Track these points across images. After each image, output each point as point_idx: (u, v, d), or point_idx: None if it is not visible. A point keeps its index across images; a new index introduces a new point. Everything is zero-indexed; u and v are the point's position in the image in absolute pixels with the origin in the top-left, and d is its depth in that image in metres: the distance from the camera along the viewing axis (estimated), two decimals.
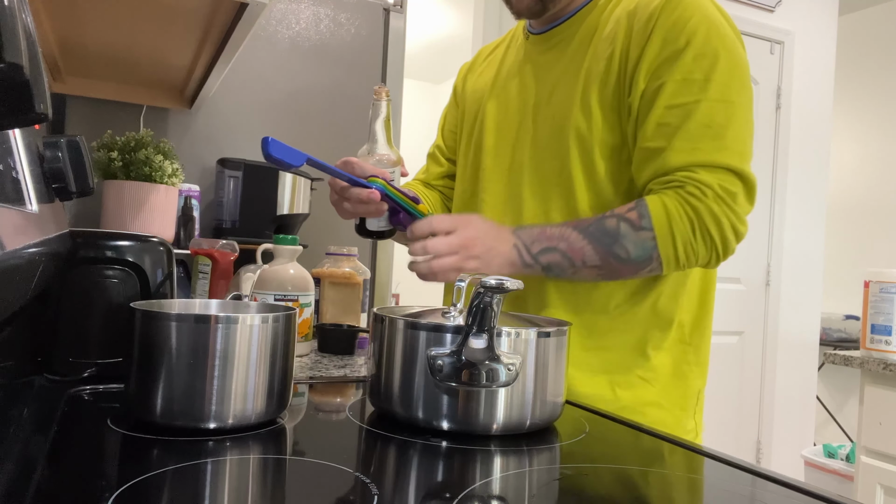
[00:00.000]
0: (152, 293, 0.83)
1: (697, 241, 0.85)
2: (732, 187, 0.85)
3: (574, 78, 0.96)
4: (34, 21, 0.79)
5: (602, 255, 0.86)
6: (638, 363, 0.94)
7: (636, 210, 0.87)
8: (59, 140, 0.72)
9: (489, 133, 1.07)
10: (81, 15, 1.06)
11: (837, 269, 3.88)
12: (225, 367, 0.62)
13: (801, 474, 2.83)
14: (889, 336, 1.91)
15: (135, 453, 0.56)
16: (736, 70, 0.88)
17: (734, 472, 0.61)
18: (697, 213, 0.85)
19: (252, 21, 0.98)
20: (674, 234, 0.85)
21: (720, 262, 0.90)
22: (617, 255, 0.86)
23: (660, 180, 0.88)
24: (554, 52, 1.01)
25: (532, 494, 0.53)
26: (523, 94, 1.04)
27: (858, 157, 3.95)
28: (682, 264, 0.87)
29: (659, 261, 0.86)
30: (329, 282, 1.29)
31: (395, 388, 0.68)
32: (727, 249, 0.88)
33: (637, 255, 0.86)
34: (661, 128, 0.87)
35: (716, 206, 0.84)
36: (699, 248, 0.86)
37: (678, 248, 0.85)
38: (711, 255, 0.87)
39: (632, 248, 0.86)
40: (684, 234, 0.85)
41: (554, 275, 0.89)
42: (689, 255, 0.86)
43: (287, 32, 1.85)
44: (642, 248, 0.86)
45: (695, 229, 0.85)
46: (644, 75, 0.88)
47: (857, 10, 3.91)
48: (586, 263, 0.87)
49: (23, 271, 0.48)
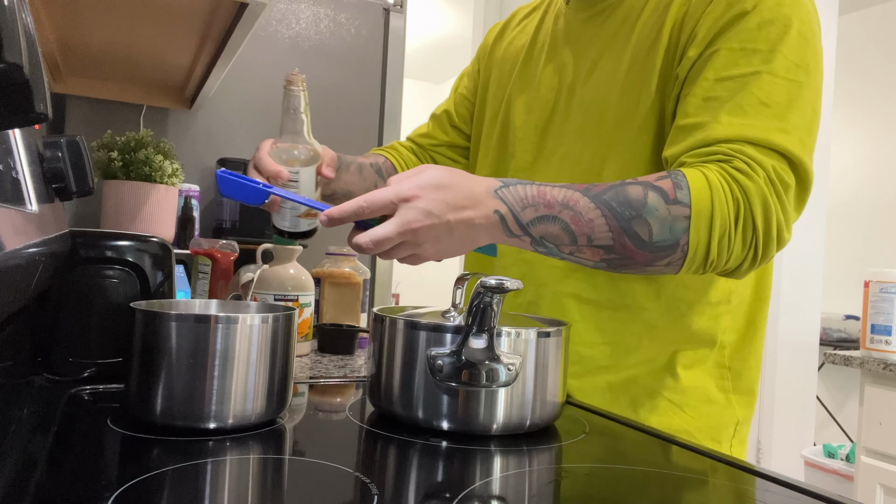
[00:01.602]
0: (152, 293, 0.83)
1: (738, 231, 0.68)
2: (787, 177, 0.70)
3: (619, 54, 0.82)
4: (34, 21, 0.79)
5: (616, 232, 0.68)
6: (666, 384, 0.83)
7: (670, 179, 0.69)
8: (59, 140, 0.72)
9: (517, 114, 0.94)
10: (81, 15, 1.06)
11: (837, 269, 3.88)
12: (225, 367, 0.61)
13: (801, 474, 2.83)
14: (889, 336, 1.91)
15: (135, 453, 0.56)
16: (808, 46, 0.73)
17: (734, 471, 0.61)
18: (746, 193, 0.68)
19: (252, 21, 0.98)
20: (713, 216, 0.68)
21: (747, 272, 0.73)
22: (636, 234, 0.68)
23: (698, 152, 0.71)
24: (597, 22, 0.87)
25: (532, 494, 0.53)
26: (560, 72, 0.90)
27: (858, 157, 3.94)
28: (708, 261, 0.70)
29: (684, 251, 0.69)
30: (329, 282, 1.29)
31: (395, 388, 0.68)
32: (766, 253, 0.70)
33: (661, 239, 0.68)
34: (707, 102, 0.72)
35: (768, 191, 0.68)
36: (736, 242, 0.69)
37: (713, 237, 0.68)
38: (747, 255, 0.70)
39: (657, 228, 0.68)
40: (724, 218, 0.68)
41: (544, 251, 0.71)
42: (723, 249, 0.69)
43: (287, 32, 1.85)
44: (670, 230, 0.68)
45: (738, 215, 0.68)
46: (699, 42, 0.73)
47: (857, 10, 3.91)
48: (592, 241, 0.69)
49: (23, 271, 0.48)
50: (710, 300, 0.83)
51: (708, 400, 0.84)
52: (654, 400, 0.83)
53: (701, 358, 0.84)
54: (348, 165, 0.99)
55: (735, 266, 0.71)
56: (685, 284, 0.83)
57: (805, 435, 3.34)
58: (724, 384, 0.85)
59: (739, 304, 0.85)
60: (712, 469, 0.62)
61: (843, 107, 3.94)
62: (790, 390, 3.32)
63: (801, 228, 3.31)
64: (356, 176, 1.00)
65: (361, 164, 1.02)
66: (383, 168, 1.06)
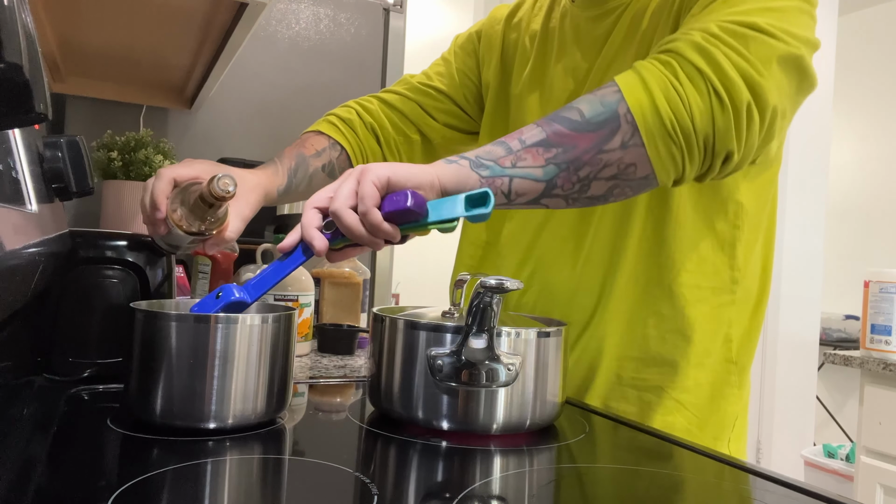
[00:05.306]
0: (152, 293, 0.83)
1: (681, 81, 0.62)
2: (739, 29, 0.63)
3: (628, 54, 0.81)
4: (34, 21, 0.79)
5: (544, 123, 0.65)
6: (672, 382, 0.82)
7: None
8: (59, 140, 0.72)
9: (531, 114, 0.92)
10: (81, 15, 1.06)
11: (837, 269, 3.88)
12: (225, 367, 0.61)
13: (800, 474, 2.83)
14: (889, 336, 1.91)
15: (135, 453, 0.56)
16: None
17: (734, 471, 0.61)
18: (675, 50, 0.64)
19: (252, 21, 0.98)
20: (644, 79, 0.63)
21: (738, 122, 0.62)
22: (564, 118, 0.64)
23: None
24: (605, 22, 0.85)
25: (532, 494, 0.53)
26: (573, 73, 0.88)
27: (858, 157, 3.94)
28: (671, 126, 0.62)
29: (630, 121, 0.62)
30: (329, 282, 1.29)
31: (395, 388, 0.68)
32: (732, 92, 0.61)
33: (594, 113, 0.63)
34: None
35: (702, 40, 0.63)
36: (687, 92, 0.61)
37: (655, 95, 0.62)
38: (711, 99, 0.62)
39: (586, 107, 0.64)
40: (659, 76, 0.62)
41: (487, 174, 0.64)
42: (676, 105, 0.61)
43: (287, 32, 1.85)
44: (601, 103, 0.63)
45: (675, 69, 0.62)
46: None
47: (857, 10, 3.91)
48: (525, 143, 0.64)
49: (23, 271, 0.48)
50: (716, 290, 0.82)
51: (712, 397, 0.83)
52: (661, 398, 0.82)
53: (708, 353, 0.83)
54: (297, 185, 0.92)
55: (708, 117, 0.62)
56: (688, 270, 0.81)
57: (805, 435, 3.34)
58: (729, 379, 0.84)
59: (746, 292, 0.84)
60: (712, 469, 0.62)
61: (843, 107, 3.94)
62: (790, 390, 3.32)
63: (801, 228, 3.31)
64: (306, 191, 0.93)
65: (312, 174, 0.94)
66: (336, 166, 0.98)
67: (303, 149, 0.95)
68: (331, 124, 1.00)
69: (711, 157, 0.65)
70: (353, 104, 1.03)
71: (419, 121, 1.03)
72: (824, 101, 3.41)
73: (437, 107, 1.03)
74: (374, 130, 1.01)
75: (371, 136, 1.01)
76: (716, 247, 0.82)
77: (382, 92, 1.05)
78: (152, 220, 0.75)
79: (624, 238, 0.83)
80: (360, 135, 1.00)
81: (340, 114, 1.02)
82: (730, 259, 0.83)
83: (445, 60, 1.06)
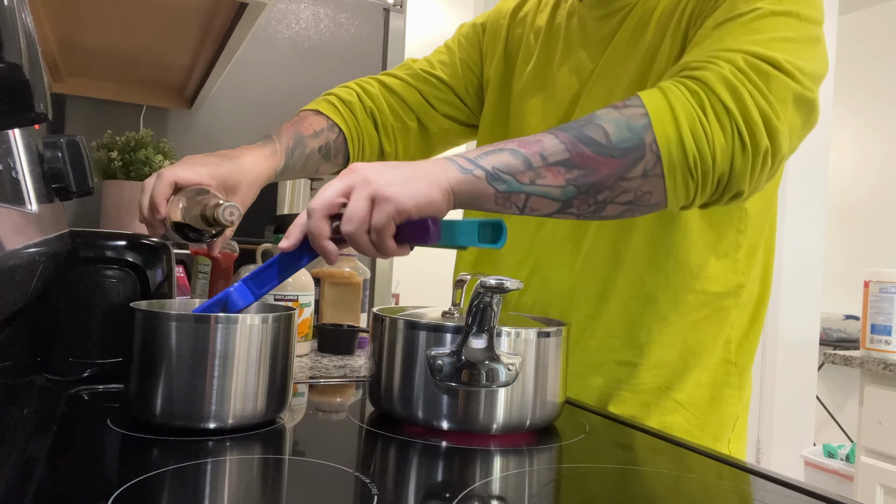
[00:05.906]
0: (152, 293, 0.83)
1: (708, 118, 0.61)
2: (763, 66, 0.63)
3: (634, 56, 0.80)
4: (34, 21, 0.79)
5: (569, 142, 0.63)
6: (672, 383, 0.82)
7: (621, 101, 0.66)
8: (59, 140, 0.72)
9: (533, 113, 0.91)
10: (81, 15, 1.06)
11: (837, 269, 3.88)
12: (225, 367, 0.61)
13: (800, 474, 2.83)
14: (889, 336, 1.91)
15: (135, 453, 0.56)
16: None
17: (734, 471, 0.61)
18: (705, 82, 0.63)
19: (252, 21, 0.98)
20: (673, 108, 0.62)
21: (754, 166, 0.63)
22: (590, 138, 0.62)
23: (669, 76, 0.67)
24: (612, 22, 0.84)
25: (532, 494, 0.53)
26: (577, 73, 0.88)
27: (858, 157, 3.94)
28: (692, 162, 0.62)
29: (655, 152, 0.62)
30: (329, 282, 1.29)
31: (395, 388, 0.68)
32: (755, 136, 0.62)
33: (621, 139, 0.62)
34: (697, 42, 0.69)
35: (732, 76, 0.62)
36: (713, 130, 0.61)
37: (682, 129, 0.61)
38: (734, 140, 0.62)
39: (612, 128, 0.62)
40: (687, 108, 0.62)
41: (504, 188, 0.63)
42: (700, 141, 0.61)
43: (287, 32, 1.85)
44: (628, 128, 0.62)
45: (703, 103, 0.62)
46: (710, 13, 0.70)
47: (857, 10, 3.91)
48: (547, 160, 0.62)
49: (23, 271, 0.48)
50: (720, 295, 0.82)
51: (712, 398, 0.83)
52: (662, 401, 0.82)
53: (708, 354, 0.82)
54: (293, 165, 0.91)
55: (729, 158, 0.63)
56: (694, 274, 0.81)
57: (805, 435, 3.34)
58: (729, 380, 0.84)
59: (748, 293, 0.84)
60: (712, 469, 0.62)
61: (843, 106, 3.94)
62: (790, 390, 3.32)
63: (801, 228, 3.31)
64: (301, 171, 0.93)
65: (309, 154, 0.93)
66: (333, 148, 0.96)
67: (301, 128, 0.93)
68: (331, 105, 0.98)
69: (722, 192, 0.66)
70: (353, 85, 1.02)
71: (419, 109, 1.02)
72: (824, 101, 3.40)
73: (438, 96, 1.02)
74: (374, 115, 1.00)
75: (370, 121, 1.00)
76: (722, 253, 0.82)
77: (384, 75, 1.04)
78: (151, 222, 0.76)
79: (626, 241, 0.83)
80: (360, 119, 0.99)
81: (341, 94, 1.00)
82: (734, 264, 0.83)
83: (449, 49, 1.05)
